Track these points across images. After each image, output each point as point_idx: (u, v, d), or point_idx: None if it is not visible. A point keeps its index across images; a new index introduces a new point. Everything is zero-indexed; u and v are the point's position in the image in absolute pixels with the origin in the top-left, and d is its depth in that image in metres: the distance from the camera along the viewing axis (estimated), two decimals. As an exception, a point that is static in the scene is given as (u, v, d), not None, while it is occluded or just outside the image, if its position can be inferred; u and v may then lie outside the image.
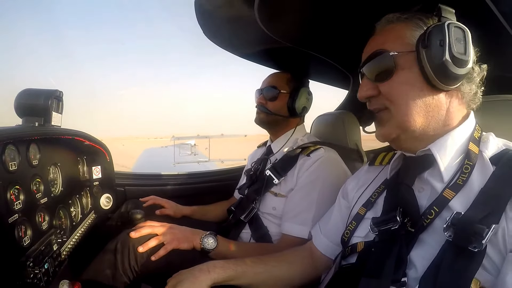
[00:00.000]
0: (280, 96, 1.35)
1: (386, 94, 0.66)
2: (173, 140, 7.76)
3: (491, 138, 0.67)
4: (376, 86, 0.68)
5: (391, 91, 0.66)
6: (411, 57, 0.63)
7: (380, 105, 0.68)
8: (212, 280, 0.76)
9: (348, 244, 0.76)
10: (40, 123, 1.01)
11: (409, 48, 0.64)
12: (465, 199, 0.59)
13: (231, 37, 1.44)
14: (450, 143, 0.65)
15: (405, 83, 0.64)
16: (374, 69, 0.68)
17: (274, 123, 1.39)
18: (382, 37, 0.69)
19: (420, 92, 0.63)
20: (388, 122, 0.68)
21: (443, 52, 0.59)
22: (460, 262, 0.52)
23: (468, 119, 0.67)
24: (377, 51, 0.67)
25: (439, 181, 0.65)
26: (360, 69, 0.72)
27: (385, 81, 0.66)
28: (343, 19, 1.08)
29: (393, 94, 0.65)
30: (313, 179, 1.17)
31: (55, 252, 0.93)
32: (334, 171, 1.21)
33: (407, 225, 0.64)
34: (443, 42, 0.59)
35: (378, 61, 0.67)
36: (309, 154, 1.22)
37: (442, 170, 0.64)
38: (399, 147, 0.73)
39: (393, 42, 0.66)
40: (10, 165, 0.82)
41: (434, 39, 0.60)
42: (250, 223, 1.28)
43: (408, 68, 0.64)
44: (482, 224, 0.52)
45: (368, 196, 0.80)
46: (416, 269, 0.60)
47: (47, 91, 1.04)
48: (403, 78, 0.65)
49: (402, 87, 0.65)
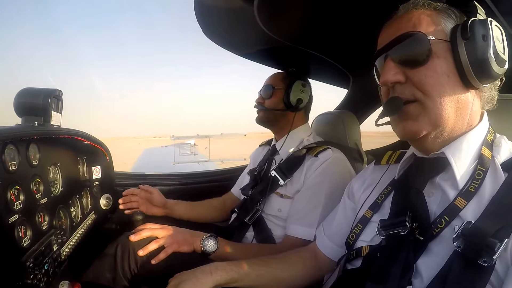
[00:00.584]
0: (275, 93, 1.36)
1: (417, 82, 0.59)
2: (173, 140, 7.75)
3: (503, 141, 0.64)
4: (404, 72, 0.61)
5: (426, 80, 0.59)
6: (445, 46, 0.59)
7: (410, 95, 0.60)
8: (214, 282, 0.76)
9: (353, 248, 0.74)
10: (39, 122, 1.01)
11: (443, 37, 0.59)
12: (476, 208, 0.57)
13: (230, 36, 1.44)
14: (465, 147, 0.61)
15: (441, 73, 0.58)
16: (406, 51, 0.60)
17: (273, 120, 1.38)
18: (413, 19, 0.62)
19: (454, 86, 0.59)
20: (420, 117, 0.60)
21: (487, 47, 0.56)
22: (468, 275, 0.50)
23: (482, 121, 0.64)
24: (410, 33, 0.60)
25: (452, 187, 0.61)
26: (386, 50, 0.64)
27: (417, 68, 0.59)
28: (343, 18, 1.08)
29: (428, 84, 0.59)
30: (321, 180, 1.15)
31: (55, 253, 0.93)
32: (341, 173, 1.20)
33: (415, 232, 0.61)
34: (486, 38, 0.56)
35: (412, 44, 0.60)
36: (317, 155, 1.20)
37: (458, 177, 0.60)
38: (420, 147, 0.67)
39: (427, 27, 0.60)
40: (10, 165, 0.81)
41: (477, 32, 0.56)
42: (253, 225, 1.26)
43: (443, 57, 0.59)
44: (494, 238, 0.50)
45: (374, 198, 0.77)
46: (422, 278, 0.58)
47: (47, 90, 1.03)
48: (439, 67, 0.58)
49: (438, 77, 0.58)
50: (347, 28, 1.13)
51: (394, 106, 0.61)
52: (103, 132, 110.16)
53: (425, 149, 0.66)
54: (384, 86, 0.64)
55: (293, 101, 1.33)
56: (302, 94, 1.34)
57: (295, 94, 1.33)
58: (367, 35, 0.74)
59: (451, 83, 0.59)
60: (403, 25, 0.62)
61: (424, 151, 0.67)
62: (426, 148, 0.66)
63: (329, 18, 1.08)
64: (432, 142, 0.64)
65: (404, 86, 0.61)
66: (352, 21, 1.08)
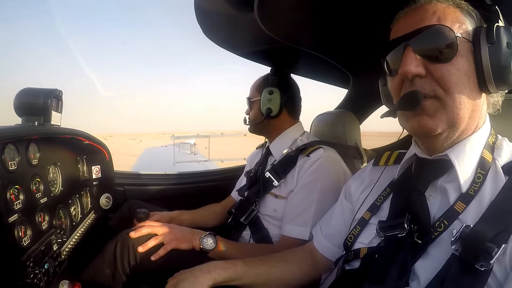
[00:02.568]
0: (253, 104, 1.38)
1: (439, 78, 0.57)
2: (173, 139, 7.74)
3: (505, 144, 0.64)
4: (425, 65, 0.58)
5: (449, 77, 0.57)
6: (468, 46, 0.58)
7: (430, 90, 0.58)
8: (212, 281, 0.76)
9: (351, 249, 0.75)
10: (39, 122, 1.01)
11: (467, 36, 0.58)
12: (475, 212, 0.57)
13: (230, 36, 1.44)
14: (468, 149, 0.61)
15: (464, 72, 0.57)
16: (430, 44, 0.58)
17: (260, 130, 1.41)
18: (437, 12, 0.59)
19: (472, 88, 0.58)
20: (438, 113, 0.58)
21: (510, 55, 0.56)
22: (465, 278, 0.50)
23: (485, 123, 0.64)
24: (437, 26, 0.58)
25: (453, 190, 0.61)
26: (406, 39, 0.60)
27: (441, 63, 0.57)
28: (343, 19, 1.08)
29: (450, 82, 0.57)
30: (313, 180, 1.16)
31: (55, 252, 0.93)
32: (334, 171, 1.21)
33: (414, 234, 0.61)
34: (511, 46, 0.56)
35: (439, 38, 0.57)
36: (309, 155, 1.21)
37: (462, 180, 0.59)
38: (428, 145, 0.65)
39: (452, 23, 0.58)
40: (9, 165, 0.81)
41: (502, 39, 0.56)
42: (250, 225, 1.27)
43: (466, 57, 0.57)
44: (492, 243, 0.50)
45: (373, 200, 0.77)
46: (419, 281, 0.58)
47: (47, 90, 1.04)
48: (462, 66, 0.57)
49: (461, 76, 0.57)
50: (347, 28, 1.13)
51: (415, 100, 0.57)
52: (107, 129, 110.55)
53: (432, 149, 0.65)
54: (404, 77, 0.60)
55: (264, 111, 1.32)
56: (270, 103, 1.31)
57: (264, 104, 1.32)
58: (367, 35, 0.74)
59: (470, 84, 0.58)
60: (428, 16, 0.59)
61: (430, 151, 0.65)
62: (434, 148, 0.64)
63: (329, 18, 1.08)
64: (442, 142, 0.62)
65: (424, 80, 0.58)
66: (352, 21, 1.08)
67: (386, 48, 0.65)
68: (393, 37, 0.64)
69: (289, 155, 1.26)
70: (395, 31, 0.65)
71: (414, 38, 0.59)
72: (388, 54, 0.65)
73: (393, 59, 0.64)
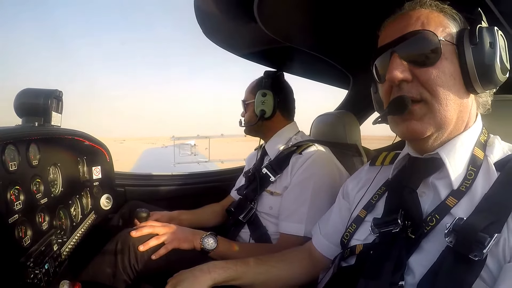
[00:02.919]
0: (248, 107, 1.40)
1: (425, 82, 0.59)
2: (173, 140, 7.76)
3: (496, 142, 0.65)
4: (411, 70, 0.60)
5: (435, 80, 0.58)
6: (452, 49, 0.60)
7: (417, 94, 0.60)
8: (212, 281, 0.76)
9: (347, 246, 0.76)
10: (40, 123, 1.01)
11: (451, 39, 0.60)
12: (467, 206, 0.58)
13: (230, 36, 1.44)
14: (459, 148, 0.62)
15: (449, 75, 0.59)
16: (415, 49, 0.60)
17: (255, 131, 1.43)
18: (421, 18, 0.61)
19: (458, 89, 0.60)
20: (426, 117, 0.60)
21: (493, 54, 0.57)
22: (459, 269, 0.51)
23: (476, 123, 0.65)
24: (420, 31, 0.60)
25: (445, 187, 0.62)
26: (392, 46, 0.62)
27: (426, 67, 0.59)
28: (343, 19, 1.08)
29: (436, 85, 0.58)
30: (306, 177, 1.17)
31: (55, 253, 0.93)
32: (326, 168, 1.22)
33: (408, 230, 0.62)
34: (494, 45, 0.57)
35: (422, 42, 0.59)
36: (301, 152, 1.23)
37: (452, 177, 0.61)
38: (419, 147, 0.67)
39: (436, 27, 0.60)
40: (10, 165, 0.81)
41: (485, 39, 0.57)
42: (249, 223, 1.28)
43: (450, 59, 0.59)
44: (484, 233, 0.51)
45: (369, 198, 0.79)
46: (413, 275, 0.59)
47: (47, 91, 1.04)
48: (447, 69, 0.59)
49: (446, 78, 0.59)
50: (347, 28, 1.13)
51: (403, 105, 0.59)
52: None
53: (423, 150, 0.67)
54: (392, 83, 0.62)
55: (258, 113, 1.34)
56: (264, 105, 1.32)
57: (258, 106, 1.33)
58: (367, 35, 0.74)
59: (456, 86, 0.59)
60: (412, 22, 0.61)
61: (421, 152, 0.68)
62: (425, 148, 0.66)
63: (329, 18, 1.08)
64: (431, 143, 0.64)
65: (411, 85, 0.60)
66: (352, 22, 1.08)
67: (374, 55, 0.67)
68: (381, 44, 0.66)
69: (283, 153, 1.28)
70: (382, 38, 0.67)
71: (400, 45, 0.61)
72: (376, 61, 0.68)
73: (381, 66, 0.66)
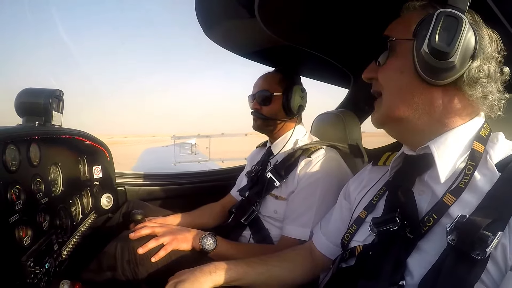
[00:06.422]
0: (274, 99, 1.30)
1: (380, 78, 0.68)
2: (174, 140, 7.75)
3: (500, 138, 0.63)
4: (377, 70, 0.69)
5: (383, 76, 0.67)
6: (409, 45, 0.61)
7: (377, 89, 0.70)
8: (213, 282, 0.75)
9: (347, 248, 0.75)
10: (40, 122, 1.01)
11: (409, 36, 0.61)
12: (467, 203, 0.57)
13: (231, 36, 1.44)
14: (451, 141, 0.61)
15: (395, 70, 0.65)
16: (380, 53, 0.68)
17: (272, 127, 1.35)
18: (393, 24, 0.69)
19: (408, 82, 0.62)
20: (379, 108, 0.69)
21: (423, 42, 0.56)
22: (461, 268, 0.50)
23: (475, 118, 0.63)
24: (384, 36, 0.67)
25: (439, 183, 0.61)
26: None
27: (382, 66, 0.68)
28: (344, 18, 1.08)
29: (384, 79, 0.67)
30: (314, 181, 1.15)
31: (55, 252, 0.93)
32: (335, 172, 1.19)
33: (406, 229, 0.61)
34: (427, 31, 0.55)
35: (381, 46, 0.67)
36: (310, 156, 1.20)
37: (439, 171, 0.60)
38: (400, 139, 0.74)
39: (399, 29, 0.66)
40: (11, 165, 0.81)
41: (424, 28, 0.57)
42: (250, 226, 1.26)
43: (402, 56, 0.63)
44: (487, 231, 0.50)
45: (369, 199, 0.78)
46: (412, 276, 0.58)
47: (48, 90, 1.04)
48: (395, 65, 0.65)
49: (392, 73, 0.65)
50: (348, 27, 1.13)
51: (372, 97, 0.72)
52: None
53: (406, 143, 0.71)
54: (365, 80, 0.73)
55: (295, 108, 1.29)
56: (302, 100, 1.31)
57: (297, 101, 1.29)
58: (368, 34, 0.74)
59: (405, 79, 0.62)
60: (389, 27, 0.69)
61: (410, 146, 0.70)
62: (406, 141, 0.71)
63: (330, 17, 1.08)
64: (404, 135, 0.70)
65: (375, 82, 0.71)
66: (353, 21, 1.08)
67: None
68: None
69: (290, 155, 1.24)
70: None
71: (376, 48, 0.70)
72: None
73: None
